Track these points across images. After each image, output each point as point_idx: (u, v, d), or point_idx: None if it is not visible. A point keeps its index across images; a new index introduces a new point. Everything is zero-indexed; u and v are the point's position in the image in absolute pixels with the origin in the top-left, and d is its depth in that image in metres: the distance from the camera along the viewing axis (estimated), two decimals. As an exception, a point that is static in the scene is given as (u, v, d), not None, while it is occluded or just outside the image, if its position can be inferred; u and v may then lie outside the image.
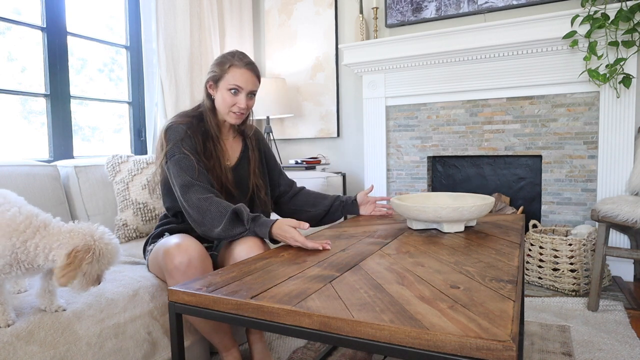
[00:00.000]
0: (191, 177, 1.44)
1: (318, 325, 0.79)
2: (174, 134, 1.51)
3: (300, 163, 3.22)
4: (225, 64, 1.54)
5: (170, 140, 1.50)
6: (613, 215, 2.01)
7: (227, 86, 1.53)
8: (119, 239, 1.99)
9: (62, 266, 1.01)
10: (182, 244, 1.34)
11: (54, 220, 1.11)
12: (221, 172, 1.56)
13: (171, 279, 1.33)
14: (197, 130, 1.55)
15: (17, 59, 2.31)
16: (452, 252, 1.19)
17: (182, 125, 1.53)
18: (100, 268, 1.07)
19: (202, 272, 1.33)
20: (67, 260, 1.01)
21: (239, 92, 1.54)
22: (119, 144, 2.88)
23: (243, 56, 1.57)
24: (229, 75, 1.52)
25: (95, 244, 1.06)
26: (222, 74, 1.53)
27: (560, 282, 2.36)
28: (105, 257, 1.07)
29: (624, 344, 1.74)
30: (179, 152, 1.47)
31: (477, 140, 2.95)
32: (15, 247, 1.03)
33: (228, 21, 3.42)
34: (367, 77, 3.23)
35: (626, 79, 2.39)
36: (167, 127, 1.53)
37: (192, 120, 1.56)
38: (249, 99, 1.56)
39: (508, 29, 2.67)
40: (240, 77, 1.53)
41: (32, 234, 1.05)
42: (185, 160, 1.46)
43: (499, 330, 0.69)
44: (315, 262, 1.14)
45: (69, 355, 1.13)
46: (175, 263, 1.31)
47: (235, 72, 1.53)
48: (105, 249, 1.07)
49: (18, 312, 1.12)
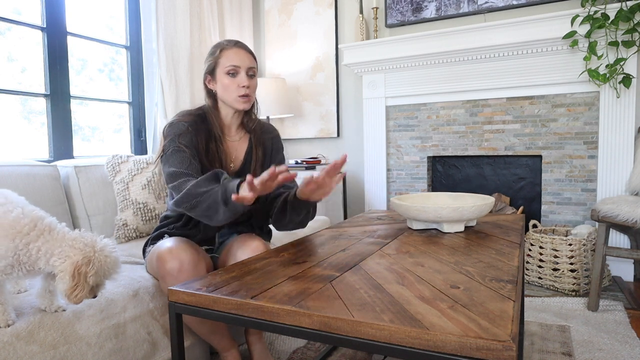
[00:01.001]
0: (181, 168, 1.39)
1: (318, 325, 0.79)
2: (173, 129, 1.47)
3: (300, 163, 3.22)
4: (216, 50, 1.50)
5: (168, 135, 1.46)
6: (613, 215, 2.01)
7: (224, 70, 1.48)
8: (119, 238, 1.99)
9: (71, 287, 1.01)
10: (174, 249, 1.32)
11: (59, 225, 1.11)
12: None
13: (164, 284, 1.32)
14: (199, 129, 1.51)
15: (17, 59, 2.31)
16: (452, 252, 1.19)
17: (184, 123, 1.49)
18: (96, 281, 1.06)
19: (194, 276, 1.30)
20: (73, 282, 1.01)
21: (237, 72, 1.49)
22: (119, 144, 2.88)
23: (231, 39, 1.54)
24: (222, 59, 1.49)
25: (95, 255, 1.05)
26: (216, 61, 1.50)
27: (560, 282, 2.36)
28: (103, 270, 1.07)
29: (624, 344, 1.74)
30: (174, 146, 1.43)
31: (477, 140, 2.95)
32: (18, 249, 1.03)
33: (228, 21, 3.42)
34: (367, 77, 3.23)
35: (626, 79, 2.39)
36: (168, 124, 1.50)
37: (195, 119, 1.52)
38: (249, 78, 1.51)
39: (508, 29, 2.67)
40: (234, 56, 1.48)
41: (36, 237, 1.05)
42: (179, 152, 1.42)
43: (499, 330, 0.69)
44: (315, 262, 1.14)
45: (69, 355, 1.13)
46: (167, 268, 1.29)
47: (227, 53, 1.49)
48: (104, 262, 1.06)
49: (18, 312, 1.12)
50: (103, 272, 1.07)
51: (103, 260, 1.06)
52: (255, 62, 1.55)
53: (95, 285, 1.08)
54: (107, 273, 1.09)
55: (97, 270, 1.05)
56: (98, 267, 1.05)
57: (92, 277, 1.04)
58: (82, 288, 1.02)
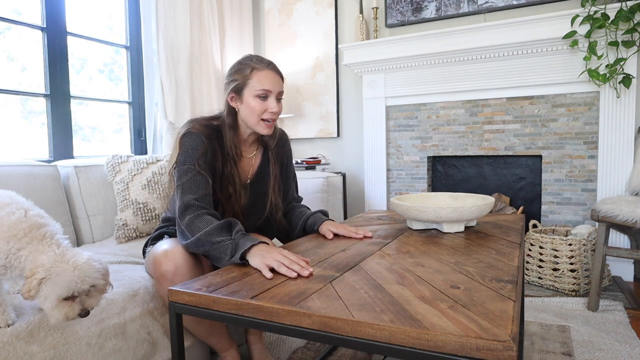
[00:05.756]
0: (195, 197, 1.32)
1: (318, 325, 0.79)
2: (191, 141, 1.37)
3: (300, 163, 3.22)
4: (246, 69, 1.40)
5: (185, 147, 1.37)
6: (613, 215, 2.01)
7: (254, 92, 1.39)
8: (119, 238, 1.99)
9: (25, 285, 1.00)
10: (170, 251, 1.30)
11: (57, 236, 1.08)
12: (236, 200, 1.46)
13: (159, 286, 1.32)
14: (215, 145, 1.42)
15: (17, 59, 2.31)
16: (452, 252, 1.19)
17: (202, 136, 1.38)
18: (54, 290, 1.00)
19: (190, 279, 1.28)
20: (26, 281, 1.00)
21: (268, 97, 1.40)
22: (119, 144, 2.88)
23: (262, 58, 1.44)
24: (253, 81, 1.38)
25: (59, 266, 1.01)
26: (245, 81, 1.39)
27: (560, 282, 2.36)
28: (62, 279, 1.00)
29: (624, 344, 1.74)
30: (190, 163, 1.35)
31: (477, 140, 2.95)
32: (11, 253, 1.03)
33: (228, 21, 3.42)
34: (367, 77, 3.23)
35: (626, 79, 2.39)
36: (185, 132, 1.39)
37: (210, 133, 1.42)
38: (278, 102, 1.43)
39: (508, 29, 2.67)
40: (266, 80, 1.39)
41: (26, 243, 1.04)
42: (196, 176, 1.34)
43: (499, 330, 0.69)
44: (316, 262, 1.14)
45: (69, 355, 1.13)
46: (162, 270, 1.28)
47: (259, 75, 1.39)
48: (62, 269, 1.01)
49: (18, 312, 1.12)
50: (62, 281, 1.01)
51: (63, 270, 1.01)
52: (283, 83, 1.47)
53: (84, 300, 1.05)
54: (69, 283, 1.02)
55: (53, 279, 1.00)
56: (55, 276, 1.00)
57: (46, 284, 1.00)
58: (29, 282, 0.99)
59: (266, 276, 1.03)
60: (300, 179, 2.58)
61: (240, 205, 1.48)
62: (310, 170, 3.10)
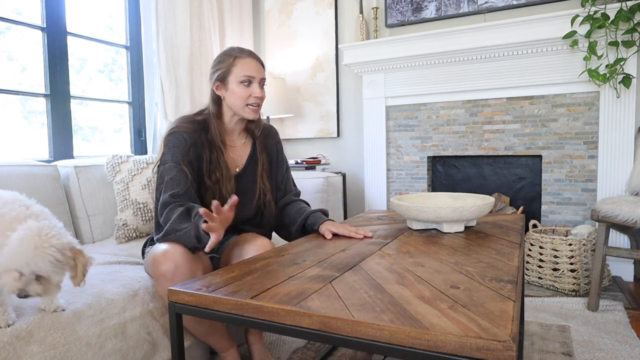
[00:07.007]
0: (172, 193, 1.38)
1: (318, 325, 0.79)
2: (173, 140, 1.45)
3: (300, 163, 3.22)
4: (229, 58, 1.50)
5: (168, 146, 1.45)
6: (613, 215, 2.01)
7: (238, 79, 1.48)
8: (119, 238, 1.99)
9: None
10: (169, 251, 1.31)
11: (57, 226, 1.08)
12: (224, 185, 1.51)
13: (159, 286, 1.32)
14: (201, 139, 1.50)
15: (17, 59, 2.31)
16: (452, 252, 1.19)
17: (185, 134, 1.46)
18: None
19: (189, 278, 1.29)
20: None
21: (251, 83, 1.49)
22: (119, 144, 2.88)
23: (243, 48, 1.54)
24: (236, 68, 1.48)
25: (27, 236, 0.99)
26: (229, 69, 1.49)
27: (560, 282, 2.36)
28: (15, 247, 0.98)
29: (624, 344, 1.74)
30: (172, 162, 1.42)
31: (477, 140, 2.95)
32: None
33: (228, 21, 3.42)
34: (367, 77, 3.23)
35: (626, 79, 2.39)
36: (169, 132, 1.47)
37: (196, 128, 1.50)
38: (261, 88, 1.52)
39: (508, 29, 2.67)
40: (248, 67, 1.49)
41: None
42: (177, 173, 1.41)
43: (499, 330, 0.69)
44: (316, 262, 1.14)
45: (69, 355, 1.13)
46: (162, 270, 1.28)
47: (242, 63, 1.49)
48: (27, 241, 0.98)
49: (18, 312, 1.12)
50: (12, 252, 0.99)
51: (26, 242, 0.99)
52: (264, 72, 1.56)
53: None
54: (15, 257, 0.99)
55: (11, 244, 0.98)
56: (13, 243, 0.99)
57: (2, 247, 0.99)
58: None
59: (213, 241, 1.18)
60: (300, 179, 2.58)
61: (229, 191, 1.52)
62: (310, 171, 3.10)
